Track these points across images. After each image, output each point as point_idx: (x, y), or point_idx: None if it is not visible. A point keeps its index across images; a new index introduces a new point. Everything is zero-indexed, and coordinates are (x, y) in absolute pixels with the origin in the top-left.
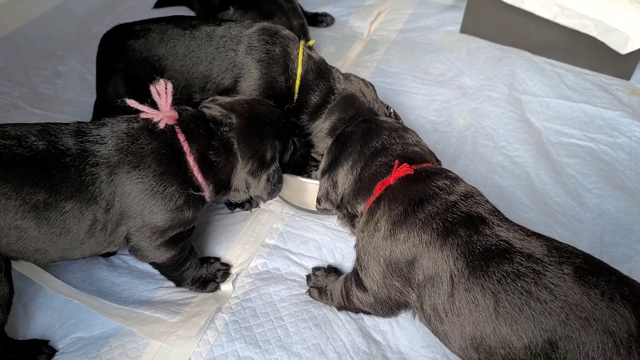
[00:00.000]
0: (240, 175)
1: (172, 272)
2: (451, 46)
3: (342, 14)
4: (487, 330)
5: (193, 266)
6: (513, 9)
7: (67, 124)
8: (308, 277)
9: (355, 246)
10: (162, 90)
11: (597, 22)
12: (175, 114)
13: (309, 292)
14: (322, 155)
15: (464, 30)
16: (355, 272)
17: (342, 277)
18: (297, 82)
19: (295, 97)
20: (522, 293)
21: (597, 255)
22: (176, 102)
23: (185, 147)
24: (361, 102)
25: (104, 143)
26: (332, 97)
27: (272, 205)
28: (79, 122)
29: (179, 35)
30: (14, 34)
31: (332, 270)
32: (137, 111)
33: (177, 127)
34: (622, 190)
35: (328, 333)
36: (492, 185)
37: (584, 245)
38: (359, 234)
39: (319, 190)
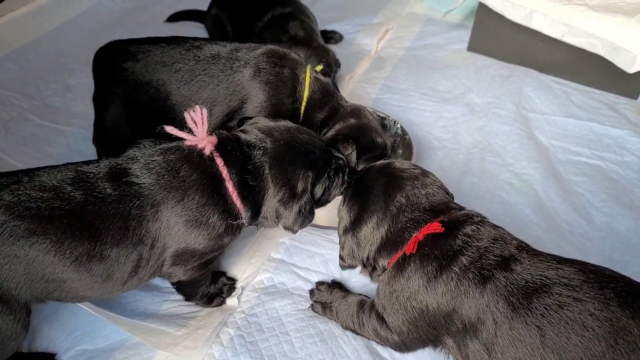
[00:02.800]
0: (272, 203)
1: (188, 287)
2: (458, 64)
3: (350, 32)
4: None
5: (207, 283)
6: (520, 27)
7: (98, 164)
8: (311, 291)
9: (377, 295)
10: (197, 117)
11: (605, 41)
12: (214, 139)
13: (312, 307)
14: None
15: (471, 48)
16: (377, 312)
17: (353, 302)
18: (304, 104)
19: (301, 118)
20: (567, 322)
21: None
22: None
23: (224, 173)
24: (368, 117)
25: (144, 183)
26: (340, 110)
27: None
28: (109, 161)
29: (182, 58)
30: (25, 47)
31: (336, 286)
32: (144, 136)
33: (214, 152)
34: (631, 208)
35: (334, 349)
36: (499, 203)
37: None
38: (385, 287)
39: (343, 248)
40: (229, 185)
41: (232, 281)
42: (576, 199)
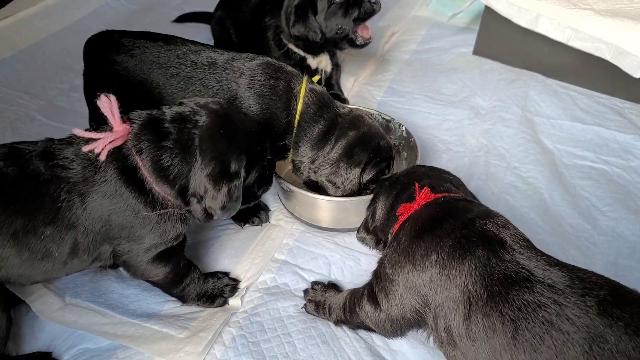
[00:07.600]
0: (199, 177)
1: (172, 289)
2: (464, 67)
3: None
4: (503, 358)
5: (195, 281)
6: (526, 31)
7: (36, 143)
8: (306, 291)
9: (378, 262)
10: (106, 106)
11: (611, 45)
12: (126, 129)
13: (305, 307)
14: (332, 182)
15: (477, 52)
16: (370, 287)
17: (346, 291)
18: (297, 117)
19: (294, 131)
20: (543, 323)
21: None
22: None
23: (137, 160)
24: (369, 123)
25: (72, 168)
26: (340, 120)
27: (283, 221)
28: (47, 142)
29: (179, 62)
30: (32, 48)
31: (332, 286)
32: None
33: (130, 141)
34: (636, 213)
35: (336, 351)
36: (504, 206)
37: (598, 268)
38: (384, 252)
39: (362, 222)
40: (144, 171)
41: (235, 282)
42: (581, 203)
